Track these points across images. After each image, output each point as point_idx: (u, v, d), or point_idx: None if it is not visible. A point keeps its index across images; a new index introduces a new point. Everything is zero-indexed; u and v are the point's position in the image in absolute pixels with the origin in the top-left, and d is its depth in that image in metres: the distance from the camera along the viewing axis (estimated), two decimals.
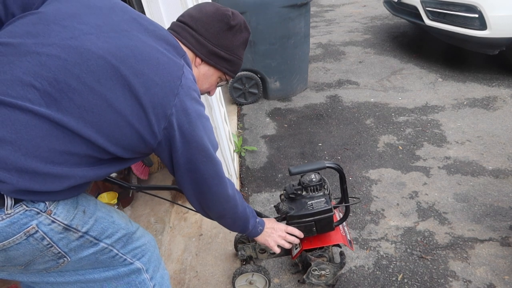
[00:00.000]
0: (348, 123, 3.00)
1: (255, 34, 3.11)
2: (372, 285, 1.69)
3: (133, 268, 1.03)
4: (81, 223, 0.87)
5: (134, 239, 1.04)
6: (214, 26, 1.04)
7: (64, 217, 0.84)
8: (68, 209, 0.85)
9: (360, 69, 3.96)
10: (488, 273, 1.68)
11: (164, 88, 0.85)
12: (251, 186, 2.43)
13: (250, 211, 1.28)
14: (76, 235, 0.86)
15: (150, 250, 1.09)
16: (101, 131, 0.82)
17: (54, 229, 0.82)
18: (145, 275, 1.06)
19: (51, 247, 0.83)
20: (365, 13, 5.96)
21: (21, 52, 0.78)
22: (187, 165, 0.95)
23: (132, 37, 0.86)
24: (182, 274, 1.80)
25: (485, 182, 2.21)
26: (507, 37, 3.05)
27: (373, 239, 1.92)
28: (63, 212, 0.84)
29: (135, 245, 1.03)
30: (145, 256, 1.06)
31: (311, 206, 1.41)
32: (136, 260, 1.03)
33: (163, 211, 2.15)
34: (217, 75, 1.13)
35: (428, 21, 3.52)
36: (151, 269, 1.08)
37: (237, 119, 3.27)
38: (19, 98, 0.75)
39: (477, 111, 2.95)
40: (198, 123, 0.91)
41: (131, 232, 1.02)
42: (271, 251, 1.69)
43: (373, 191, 2.25)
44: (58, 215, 0.83)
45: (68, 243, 0.85)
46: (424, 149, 2.57)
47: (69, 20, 0.83)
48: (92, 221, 0.90)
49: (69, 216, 0.85)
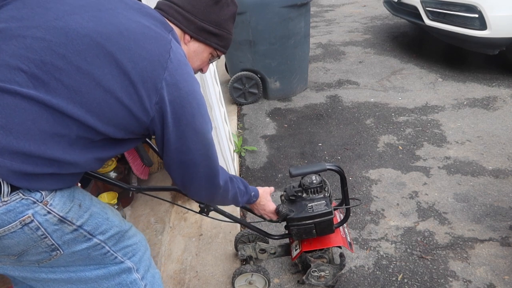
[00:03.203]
0: (348, 123, 3.00)
1: (255, 34, 3.12)
2: (372, 285, 1.69)
3: (124, 267, 1.02)
4: (76, 216, 0.87)
5: (126, 237, 1.03)
6: (201, 2, 1.02)
7: (60, 209, 0.84)
8: (64, 202, 0.85)
9: (360, 69, 3.96)
10: (488, 273, 1.68)
11: (152, 62, 0.84)
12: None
13: (241, 192, 1.26)
14: (70, 227, 0.86)
15: (141, 250, 1.08)
16: (90, 110, 0.81)
17: (49, 220, 0.82)
18: (136, 275, 1.05)
19: (45, 238, 0.83)
20: (365, 13, 5.96)
21: (6, 36, 0.78)
22: (177, 144, 0.92)
23: (117, 14, 0.85)
24: (182, 274, 1.80)
25: (485, 182, 2.21)
26: (507, 37, 3.05)
27: (373, 239, 1.92)
28: (59, 204, 0.84)
29: (127, 244, 1.03)
30: (135, 255, 1.05)
31: (311, 208, 1.41)
32: (127, 259, 1.03)
33: (163, 211, 2.15)
34: (208, 51, 1.11)
35: (428, 21, 3.52)
36: (142, 269, 1.07)
37: (237, 119, 3.26)
38: (7, 81, 0.75)
39: (477, 111, 2.95)
40: (190, 99, 0.89)
41: (123, 230, 1.02)
42: (272, 251, 1.69)
43: (373, 191, 2.25)
44: (54, 207, 0.83)
45: (62, 235, 0.85)
46: (424, 149, 2.57)
47: (53, 2, 0.83)
48: (87, 216, 0.90)
49: (65, 208, 0.85)
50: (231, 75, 3.44)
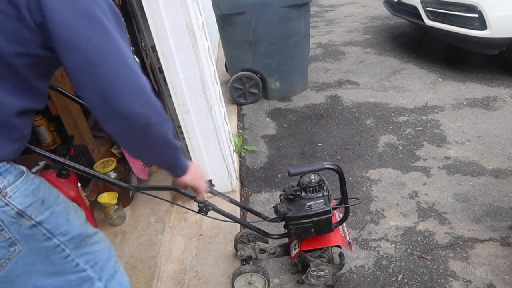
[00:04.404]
0: (348, 123, 3.00)
1: (255, 34, 3.12)
2: (372, 285, 1.69)
3: (85, 276, 0.99)
4: (35, 212, 0.86)
5: (89, 243, 1.00)
6: None
7: (19, 202, 0.82)
8: (26, 195, 0.84)
9: (360, 69, 3.96)
10: (488, 273, 1.68)
11: None
12: (251, 186, 2.43)
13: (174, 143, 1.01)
14: (28, 223, 0.85)
15: (104, 258, 1.04)
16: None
17: (6, 212, 0.81)
18: (99, 284, 1.02)
19: (2, 230, 0.82)
20: (365, 13, 5.96)
21: None
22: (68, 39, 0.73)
23: None
24: (182, 274, 1.80)
25: (485, 182, 2.21)
26: (507, 37, 3.05)
27: (373, 239, 1.92)
28: (20, 197, 0.83)
29: (89, 250, 0.99)
30: (98, 264, 1.02)
31: (310, 207, 1.41)
32: (89, 268, 0.99)
33: (163, 211, 2.15)
34: None
35: (428, 21, 3.52)
36: (104, 277, 1.03)
37: (237, 119, 3.27)
38: None
39: (477, 111, 2.95)
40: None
41: (85, 234, 0.99)
42: (271, 251, 1.69)
43: (373, 191, 2.25)
44: (14, 199, 0.82)
45: (20, 229, 0.84)
46: (424, 149, 2.58)
47: None
48: (48, 213, 0.88)
49: (25, 202, 0.83)
50: (231, 75, 3.44)
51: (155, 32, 1.71)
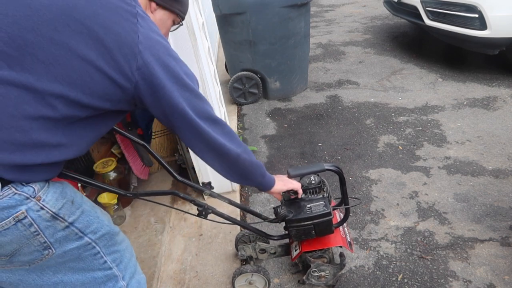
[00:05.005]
0: (348, 123, 3.00)
1: (255, 34, 3.12)
2: (372, 285, 1.69)
3: (110, 274, 1.01)
4: (68, 213, 0.87)
5: (116, 241, 1.02)
6: None
7: (52, 205, 0.83)
8: (57, 198, 0.85)
9: (360, 69, 3.96)
10: (488, 273, 1.68)
11: (124, 27, 0.82)
12: (251, 187, 2.43)
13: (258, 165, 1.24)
14: (62, 224, 0.86)
15: (127, 257, 1.08)
16: (71, 83, 0.78)
17: (42, 216, 0.82)
18: (122, 282, 1.04)
19: (38, 235, 0.82)
20: (365, 13, 5.96)
21: None
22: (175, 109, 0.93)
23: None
24: (182, 274, 1.80)
25: (485, 182, 2.21)
26: (507, 37, 3.05)
27: (373, 239, 1.92)
28: (52, 200, 0.83)
29: (116, 248, 1.02)
30: (122, 262, 1.05)
31: (310, 209, 1.40)
32: (115, 266, 1.02)
33: (163, 211, 2.15)
34: (172, 19, 1.11)
35: (428, 21, 3.52)
36: (127, 276, 1.06)
37: (237, 119, 3.27)
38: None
39: (477, 111, 2.95)
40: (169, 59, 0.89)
41: (113, 232, 1.01)
42: (272, 251, 1.69)
43: (373, 191, 2.25)
44: (47, 202, 0.82)
45: (54, 232, 0.85)
46: (424, 149, 2.58)
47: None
48: (78, 213, 0.90)
49: (57, 204, 0.85)
50: (231, 75, 3.44)
51: None
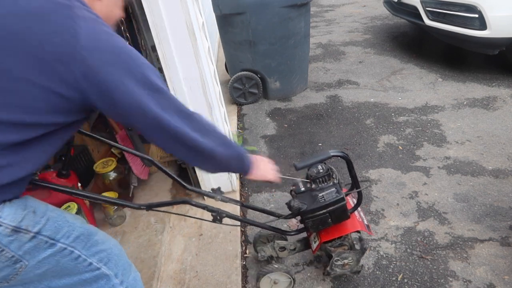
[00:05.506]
0: (348, 123, 3.00)
1: (255, 34, 3.12)
2: (372, 285, 1.69)
3: (99, 274, 0.98)
4: (31, 223, 0.84)
5: (97, 241, 0.99)
6: None
7: (11, 219, 0.80)
8: (15, 211, 0.82)
9: (360, 69, 3.96)
10: (488, 273, 1.68)
11: (61, 35, 0.77)
12: (251, 186, 2.43)
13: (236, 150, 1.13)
14: (27, 236, 0.83)
15: (116, 254, 1.04)
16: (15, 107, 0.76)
17: (1, 232, 0.79)
18: (115, 280, 1.01)
19: (3, 251, 0.80)
20: (365, 13, 5.96)
21: None
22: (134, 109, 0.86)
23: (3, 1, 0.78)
24: (182, 274, 1.80)
25: (485, 182, 2.21)
26: (507, 37, 3.05)
27: (373, 239, 1.92)
28: (10, 215, 0.81)
29: (100, 248, 0.99)
30: (111, 260, 1.02)
31: (323, 198, 1.38)
32: (103, 265, 0.98)
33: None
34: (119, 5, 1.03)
35: (428, 21, 3.52)
36: (120, 273, 1.03)
37: (237, 119, 3.27)
38: None
39: (477, 111, 2.95)
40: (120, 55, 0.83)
41: (89, 232, 0.97)
42: (291, 247, 1.65)
43: (373, 191, 2.25)
44: (4, 218, 0.79)
45: (21, 245, 0.82)
46: (424, 149, 2.58)
47: None
48: (44, 221, 0.86)
49: (16, 217, 0.81)
50: (231, 75, 3.44)
51: (155, 32, 1.71)
